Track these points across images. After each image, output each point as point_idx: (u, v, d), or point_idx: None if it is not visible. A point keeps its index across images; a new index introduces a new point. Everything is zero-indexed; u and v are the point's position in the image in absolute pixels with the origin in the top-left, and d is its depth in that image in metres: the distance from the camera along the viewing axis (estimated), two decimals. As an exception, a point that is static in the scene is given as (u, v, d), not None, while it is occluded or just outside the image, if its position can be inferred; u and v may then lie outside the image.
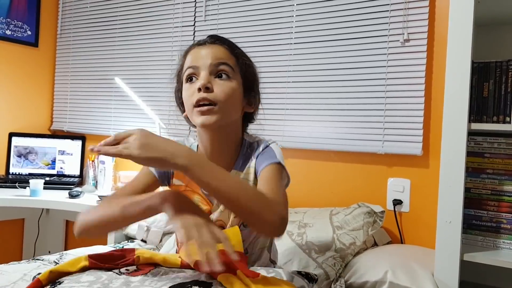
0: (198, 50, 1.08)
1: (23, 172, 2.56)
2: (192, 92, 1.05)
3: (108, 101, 2.65)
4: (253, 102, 1.15)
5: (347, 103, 1.90)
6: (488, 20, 1.55)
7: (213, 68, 1.05)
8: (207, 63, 1.05)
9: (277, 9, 2.09)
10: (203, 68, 1.05)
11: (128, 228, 1.98)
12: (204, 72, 1.04)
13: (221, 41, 1.11)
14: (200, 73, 1.05)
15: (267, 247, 1.19)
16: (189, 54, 1.10)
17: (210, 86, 1.03)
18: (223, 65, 1.06)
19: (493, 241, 1.39)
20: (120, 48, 2.62)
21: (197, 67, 1.06)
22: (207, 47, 1.08)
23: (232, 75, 1.07)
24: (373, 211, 1.65)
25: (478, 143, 1.43)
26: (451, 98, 1.32)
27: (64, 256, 1.39)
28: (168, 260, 1.06)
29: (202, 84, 1.02)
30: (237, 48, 1.13)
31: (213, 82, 1.04)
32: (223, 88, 1.04)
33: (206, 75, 1.04)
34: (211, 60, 1.05)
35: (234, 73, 1.08)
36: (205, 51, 1.07)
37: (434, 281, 1.31)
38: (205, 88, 1.02)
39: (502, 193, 1.39)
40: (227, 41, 1.12)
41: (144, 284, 0.96)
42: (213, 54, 1.06)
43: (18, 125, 2.70)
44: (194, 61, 1.07)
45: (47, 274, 0.98)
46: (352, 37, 1.90)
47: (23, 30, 2.72)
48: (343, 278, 1.46)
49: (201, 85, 1.02)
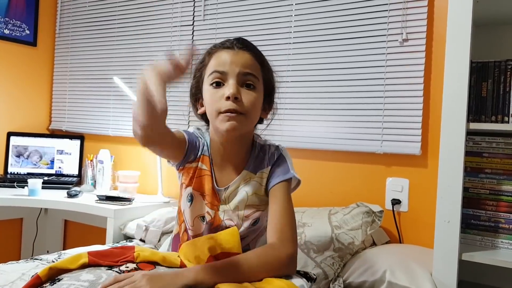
0: (226, 55, 1.09)
1: (21, 172, 2.56)
2: (219, 98, 1.06)
3: (107, 101, 2.65)
4: (268, 108, 1.20)
5: (346, 102, 1.90)
6: (487, 20, 1.55)
7: (241, 77, 1.07)
8: (236, 71, 1.06)
9: (276, 8, 2.09)
10: (232, 75, 1.06)
11: (126, 228, 1.98)
12: (233, 81, 1.06)
13: (248, 47, 1.12)
14: (228, 80, 1.07)
15: None
16: (215, 56, 1.11)
17: (239, 97, 1.05)
18: (250, 75, 1.08)
19: (491, 241, 1.39)
20: (118, 47, 2.61)
21: (225, 73, 1.07)
22: (235, 53, 1.09)
23: (257, 85, 1.10)
24: (371, 210, 1.65)
25: (476, 142, 1.43)
26: (450, 97, 1.32)
27: (62, 256, 1.39)
28: (168, 260, 1.06)
29: (232, 94, 1.04)
30: (262, 55, 1.15)
31: (241, 92, 1.06)
32: (250, 99, 1.07)
33: (234, 84, 1.06)
34: (240, 68, 1.07)
35: (258, 82, 1.11)
36: (234, 57, 1.08)
37: (432, 280, 1.31)
38: (234, 98, 1.04)
39: (501, 192, 1.39)
40: (253, 48, 1.13)
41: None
42: (242, 62, 1.08)
43: (17, 124, 2.70)
44: (222, 66, 1.07)
45: (46, 271, 0.98)
46: (350, 37, 1.90)
47: (22, 29, 2.71)
48: (342, 277, 1.46)
49: (231, 95, 1.04)
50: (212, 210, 1.15)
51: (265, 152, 1.18)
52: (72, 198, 2.14)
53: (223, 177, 1.16)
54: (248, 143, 1.17)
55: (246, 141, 1.17)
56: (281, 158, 1.17)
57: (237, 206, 1.13)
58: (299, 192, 1.18)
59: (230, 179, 1.15)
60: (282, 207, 1.09)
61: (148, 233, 1.90)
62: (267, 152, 1.18)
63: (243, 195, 1.14)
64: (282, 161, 1.17)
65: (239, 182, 1.15)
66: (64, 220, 2.77)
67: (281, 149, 1.20)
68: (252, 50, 1.12)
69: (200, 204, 1.15)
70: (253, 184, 1.14)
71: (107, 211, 1.99)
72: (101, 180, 2.38)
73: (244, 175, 1.15)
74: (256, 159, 1.17)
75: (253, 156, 1.17)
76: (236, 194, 1.14)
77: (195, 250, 1.06)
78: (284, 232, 1.05)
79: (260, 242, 1.18)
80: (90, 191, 2.34)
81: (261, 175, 1.15)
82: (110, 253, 1.07)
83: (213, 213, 1.14)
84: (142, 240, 1.91)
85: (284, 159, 1.17)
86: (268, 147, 1.19)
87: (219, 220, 1.14)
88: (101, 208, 2.01)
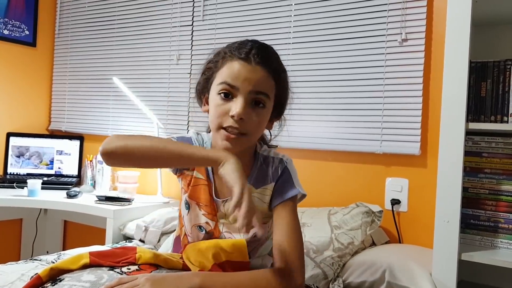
0: (240, 68, 1.01)
1: (21, 172, 2.56)
2: (224, 112, 1.00)
3: (106, 101, 2.65)
4: (276, 119, 1.15)
5: (345, 102, 1.90)
6: (486, 20, 1.55)
7: (252, 95, 1.01)
8: (247, 89, 1.00)
9: (275, 9, 2.09)
10: (242, 93, 1.00)
11: (126, 228, 1.98)
12: (241, 99, 0.99)
13: (266, 63, 1.02)
14: (238, 96, 1.00)
15: (269, 253, 1.18)
16: (229, 64, 1.03)
17: (245, 118, 0.99)
18: (261, 94, 1.02)
19: (491, 241, 1.39)
20: (118, 48, 2.61)
21: (236, 88, 1.00)
22: (250, 69, 1.00)
23: (267, 104, 1.04)
24: (371, 210, 1.65)
25: (476, 142, 1.43)
26: (449, 97, 1.32)
27: (62, 256, 1.39)
28: (170, 262, 1.06)
29: (238, 114, 0.98)
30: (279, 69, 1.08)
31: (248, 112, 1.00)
32: (255, 120, 1.02)
33: (243, 103, 0.99)
34: (252, 87, 1.00)
35: (269, 101, 1.04)
36: (248, 73, 1.00)
37: (432, 280, 1.31)
38: (239, 119, 0.99)
39: (500, 192, 1.39)
40: (272, 62, 1.05)
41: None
42: (255, 81, 1.00)
43: (16, 125, 2.70)
44: (234, 80, 1.00)
45: (47, 271, 0.98)
46: (350, 37, 1.90)
47: (21, 30, 2.71)
48: (341, 277, 1.46)
49: (236, 114, 0.98)
50: (212, 221, 1.11)
51: (268, 165, 1.12)
52: (71, 198, 2.14)
53: (223, 188, 1.10)
54: (250, 154, 1.13)
55: (248, 152, 1.12)
56: (286, 172, 1.11)
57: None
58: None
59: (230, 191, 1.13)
60: (288, 229, 1.04)
61: (148, 233, 1.90)
62: (271, 165, 1.12)
63: None
64: (287, 176, 1.10)
65: None
66: (63, 220, 2.77)
67: (286, 161, 1.13)
68: (269, 65, 1.03)
69: (196, 213, 1.12)
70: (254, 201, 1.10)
71: (106, 211, 1.99)
72: (101, 181, 2.38)
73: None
74: (259, 172, 1.11)
75: (255, 168, 1.12)
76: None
77: (199, 255, 1.04)
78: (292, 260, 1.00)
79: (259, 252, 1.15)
80: (89, 192, 2.34)
81: (263, 191, 1.10)
82: (112, 254, 1.06)
83: (213, 224, 1.11)
84: (141, 241, 1.91)
85: (289, 174, 1.11)
86: (272, 160, 1.12)
87: (219, 232, 1.11)
88: (100, 208, 2.01)
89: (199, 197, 1.12)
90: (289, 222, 1.05)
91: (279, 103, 1.11)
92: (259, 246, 1.14)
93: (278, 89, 1.07)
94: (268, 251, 1.17)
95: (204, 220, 1.11)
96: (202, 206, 1.12)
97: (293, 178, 1.11)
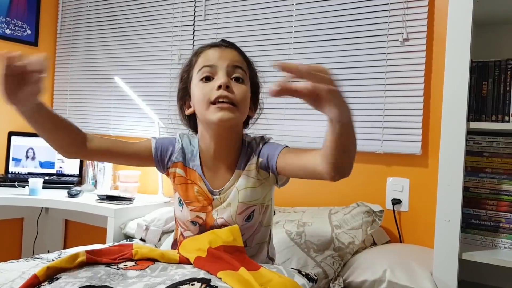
0: (213, 52, 1.12)
1: (22, 171, 2.56)
2: (210, 90, 1.07)
3: (108, 100, 2.66)
4: (254, 107, 1.20)
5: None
6: (487, 20, 1.55)
7: (230, 69, 1.09)
8: (225, 64, 1.09)
9: (276, 8, 2.09)
10: (221, 68, 1.08)
11: (127, 227, 1.98)
12: (222, 72, 1.08)
13: (234, 46, 1.16)
14: (218, 72, 1.08)
15: (266, 242, 1.20)
16: (202, 55, 1.13)
17: (230, 86, 1.07)
18: (239, 68, 1.11)
19: (492, 240, 1.39)
20: (119, 47, 2.62)
21: (215, 66, 1.09)
22: (222, 49, 1.12)
23: (245, 79, 1.12)
24: (372, 210, 1.65)
25: (477, 142, 1.43)
26: (450, 97, 1.32)
27: (63, 255, 1.39)
28: (166, 256, 1.07)
29: (224, 83, 1.05)
30: (246, 56, 1.18)
31: (231, 83, 1.08)
32: (240, 91, 1.09)
33: (225, 75, 1.08)
34: (229, 61, 1.09)
35: (246, 77, 1.13)
36: (221, 53, 1.11)
37: (433, 280, 1.31)
38: (225, 87, 1.05)
39: (501, 192, 1.39)
40: (239, 48, 1.17)
41: (142, 280, 0.95)
42: (230, 57, 1.11)
43: (18, 124, 2.70)
44: (211, 61, 1.10)
45: (44, 270, 0.98)
46: (351, 37, 1.90)
47: (23, 29, 2.72)
48: (342, 277, 1.46)
49: (223, 83, 1.05)
50: (202, 212, 1.14)
51: (252, 147, 1.17)
52: (72, 197, 2.14)
53: (217, 180, 1.15)
54: (238, 141, 1.17)
55: (236, 139, 1.16)
56: (268, 143, 1.17)
57: (229, 203, 1.13)
58: (299, 191, 1.18)
59: (224, 180, 1.15)
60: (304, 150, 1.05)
61: (149, 232, 1.90)
62: (253, 144, 1.17)
63: (234, 193, 1.13)
64: (270, 144, 1.16)
65: (233, 182, 1.14)
66: (64, 219, 2.78)
67: (266, 138, 1.19)
68: (238, 49, 1.16)
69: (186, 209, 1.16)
70: (242, 180, 1.14)
71: (107, 210, 1.99)
72: (102, 180, 2.39)
73: (237, 174, 1.14)
74: (245, 156, 1.16)
75: (243, 154, 1.16)
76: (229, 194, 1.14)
77: (196, 243, 1.07)
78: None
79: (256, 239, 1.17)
80: (90, 191, 2.34)
81: (249, 167, 1.14)
82: (108, 251, 1.07)
83: (204, 215, 1.14)
84: (142, 240, 1.91)
85: (271, 144, 1.17)
86: (255, 141, 1.18)
87: (212, 221, 1.14)
88: (101, 207, 2.01)
89: (186, 195, 1.16)
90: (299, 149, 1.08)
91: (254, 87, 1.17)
92: (255, 234, 1.17)
93: (250, 70, 1.16)
94: (265, 239, 1.19)
95: (195, 215, 1.15)
96: (189, 203, 1.15)
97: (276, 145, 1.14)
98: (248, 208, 1.13)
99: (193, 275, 0.97)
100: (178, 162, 1.17)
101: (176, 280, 0.94)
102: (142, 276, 0.97)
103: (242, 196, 1.13)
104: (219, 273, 0.95)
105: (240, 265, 0.97)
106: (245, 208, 1.13)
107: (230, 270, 0.95)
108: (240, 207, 1.12)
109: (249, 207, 1.13)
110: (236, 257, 1.02)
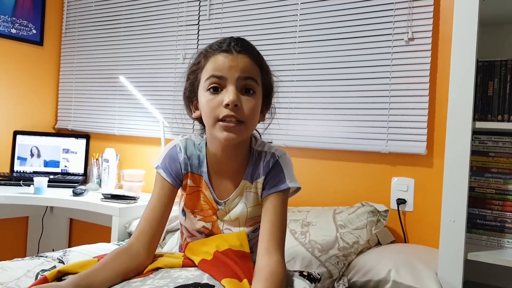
0: (224, 59, 1.02)
1: (27, 170, 2.57)
2: (217, 105, 1.00)
3: (113, 100, 2.66)
4: (266, 110, 1.15)
5: (351, 102, 1.90)
6: (493, 19, 1.54)
7: (241, 82, 1.01)
8: (235, 76, 1.01)
9: (281, 8, 2.09)
10: (231, 81, 1.01)
11: (131, 226, 1.98)
12: (232, 87, 1.00)
13: (247, 50, 1.05)
14: (227, 86, 1.01)
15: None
16: (212, 59, 1.04)
17: (239, 104, 1.00)
18: (250, 79, 1.03)
19: (497, 241, 1.38)
20: (124, 46, 2.62)
21: (224, 78, 1.01)
22: (234, 58, 1.02)
23: (256, 90, 1.05)
24: (376, 210, 1.65)
25: (482, 142, 1.42)
26: (456, 97, 1.32)
27: (67, 253, 1.39)
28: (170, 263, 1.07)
29: (232, 101, 0.98)
30: (260, 57, 1.09)
31: (241, 99, 1.01)
32: (249, 106, 1.02)
33: (234, 90, 1.00)
34: (239, 73, 1.01)
35: (258, 87, 1.05)
36: (232, 61, 1.02)
37: (438, 280, 1.31)
38: (234, 106, 0.99)
39: (507, 192, 1.38)
40: (252, 50, 1.07)
41: (146, 282, 0.96)
42: (241, 67, 1.02)
43: (23, 123, 2.71)
44: (220, 70, 1.01)
45: (55, 273, 0.98)
46: (356, 36, 1.89)
47: (28, 28, 2.73)
48: (346, 276, 1.45)
49: (230, 102, 0.98)
50: (209, 222, 1.13)
51: (261, 159, 1.12)
52: (77, 196, 2.15)
53: (222, 188, 1.13)
54: (246, 149, 1.13)
55: (243, 147, 1.12)
56: (277, 166, 1.11)
57: (237, 218, 1.11)
58: (303, 191, 1.17)
59: (229, 190, 1.12)
60: (274, 220, 1.05)
61: (153, 231, 1.90)
62: (263, 159, 1.12)
63: (242, 209, 1.11)
64: (277, 170, 1.10)
65: (238, 193, 1.12)
66: (69, 218, 2.79)
67: (278, 156, 1.12)
68: (251, 52, 1.05)
69: (191, 219, 1.15)
70: (251, 196, 1.11)
71: (112, 209, 1.99)
72: (107, 179, 2.39)
73: (243, 185, 1.11)
74: (254, 167, 1.12)
75: (251, 163, 1.12)
76: (236, 205, 1.12)
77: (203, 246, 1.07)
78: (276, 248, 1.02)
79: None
80: (95, 190, 2.35)
81: (256, 185, 1.11)
82: None
83: (210, 225, 1.13)
84: (147, 239, 1.91)
85: (279, 168, 1.11)
86: (265, 154, 1.12)
87: (218, 231, 1.13)
88: (106, 206, 2.02)
89: (194, 205, 1.13)
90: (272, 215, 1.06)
91: (266, 92, 1.11)
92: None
93: (263, 75, 1.08)
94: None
95: (201, 225, 1.14)
96: (198, 212, 1.13)
97: (285, 171, 1.10)
98: (256, 222, 1.12)
99: (197, 279, 0.97)
100: (187, 173, 1.13)
101: (180, 284, 0.94)
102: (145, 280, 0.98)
103: (251, 214, 1.11)
104: (223, 281, 0.94)
105: (244, 277, 0.96)
106: (253, 222, 1.12)
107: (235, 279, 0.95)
108: (248, 222, 1.12)
109: (257, 222, 1.12)
110: (242, 265, 1.01)
